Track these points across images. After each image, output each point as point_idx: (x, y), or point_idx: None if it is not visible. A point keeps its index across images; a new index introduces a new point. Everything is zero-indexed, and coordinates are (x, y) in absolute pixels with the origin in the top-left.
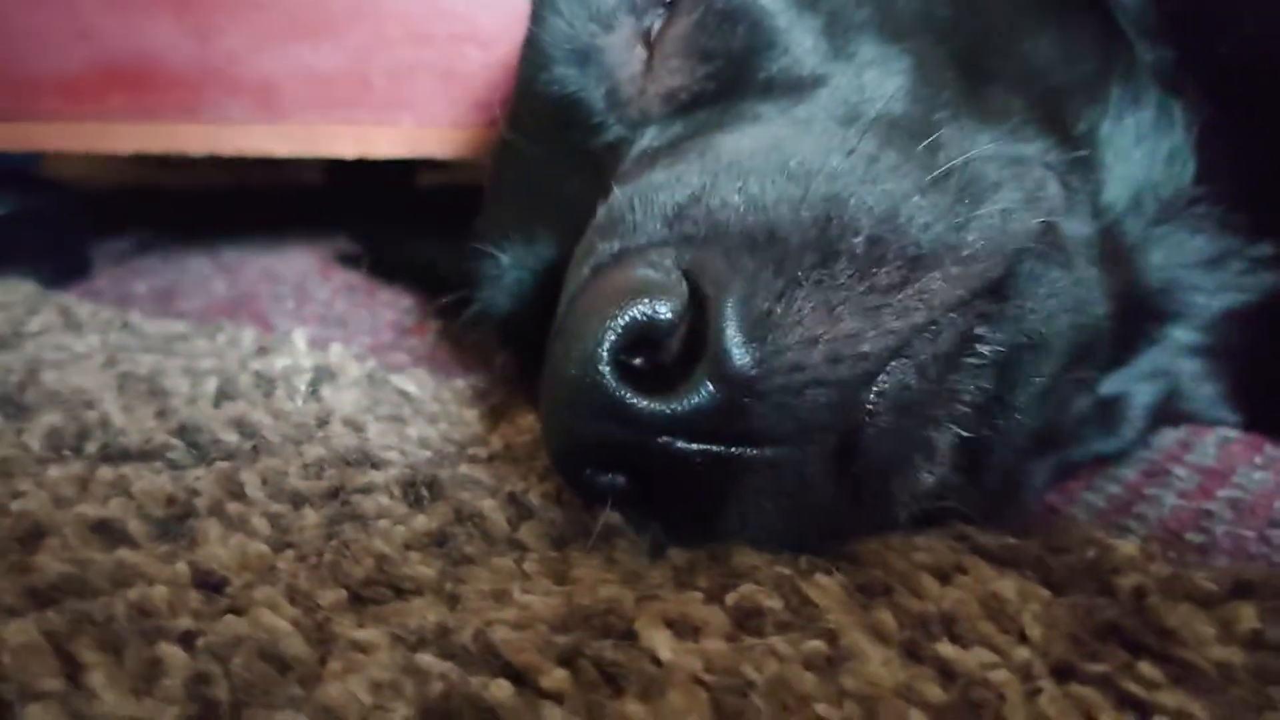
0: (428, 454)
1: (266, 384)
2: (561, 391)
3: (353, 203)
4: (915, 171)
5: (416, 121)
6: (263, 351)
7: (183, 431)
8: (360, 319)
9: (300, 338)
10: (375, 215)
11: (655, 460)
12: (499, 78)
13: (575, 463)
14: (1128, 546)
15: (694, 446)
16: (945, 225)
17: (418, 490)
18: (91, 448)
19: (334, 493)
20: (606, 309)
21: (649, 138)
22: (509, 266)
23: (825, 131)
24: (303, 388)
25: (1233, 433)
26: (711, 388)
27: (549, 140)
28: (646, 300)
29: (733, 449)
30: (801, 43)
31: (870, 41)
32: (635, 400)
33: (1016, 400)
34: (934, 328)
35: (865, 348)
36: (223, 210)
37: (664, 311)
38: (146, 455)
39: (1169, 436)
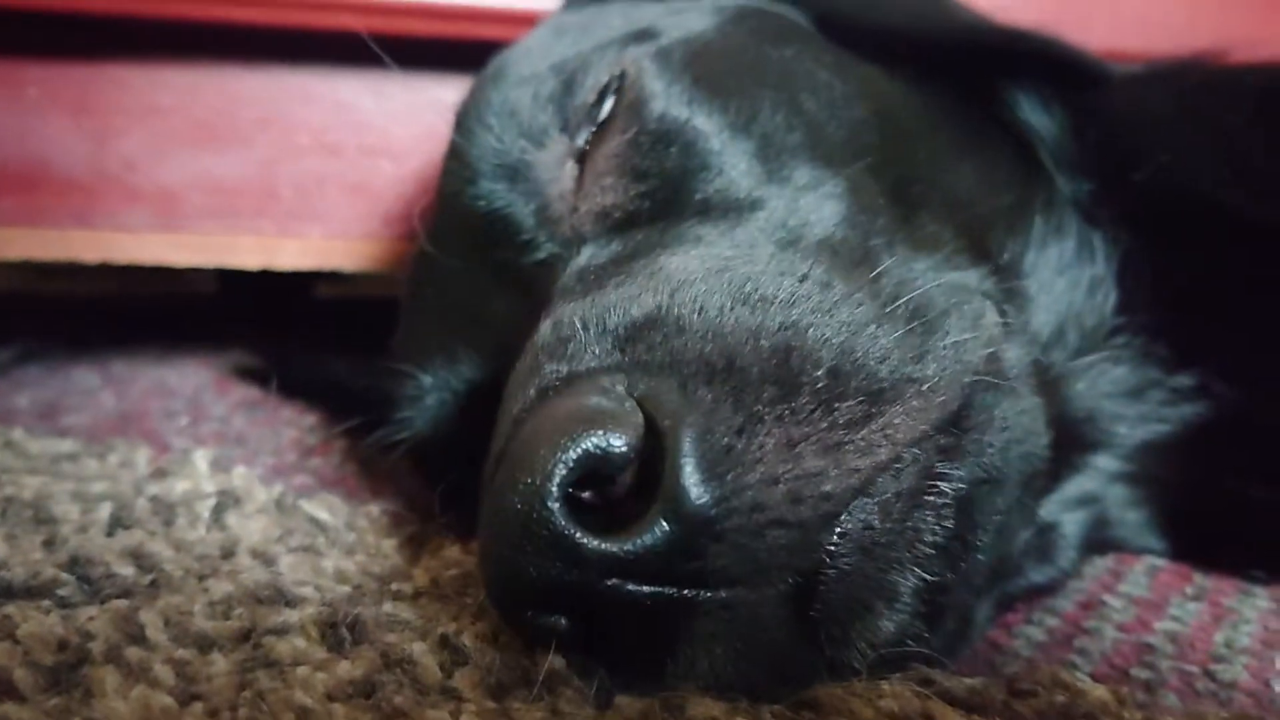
0: (346, 589)
1: (165, 510)
2: (505, 527)
3: (249, 314)
4: (867, 300)
5: (325, 233)
6: (160, 474)
7: (74, 564)
8: (261, 437)
9: (201, 459)
10: (272, 327)
11: (604, 602)
12: (412, 191)
13: (517, 603)
14: (1098, 690)
15: (646, 589)
16: (902, 357)
17: (339, 632)
18: None
19: (245, 635)
20: (556, 439)
21: (587, 256)
22: (430, 387)
23: (772, 256)
24: (205, 515)
25: (1160, 561)
26: (666, 527)
27: (474, 256)
28: (599, 432)
29: (686, 591)
30: (736, 165)
31: (803, 166)
32: (586, 540)
33: (977, 539)
34: (896, 465)
35: (828, 487)
36: (110, 319)
37: (617, 444)
38: (33, 592)
39: (1098, 565)
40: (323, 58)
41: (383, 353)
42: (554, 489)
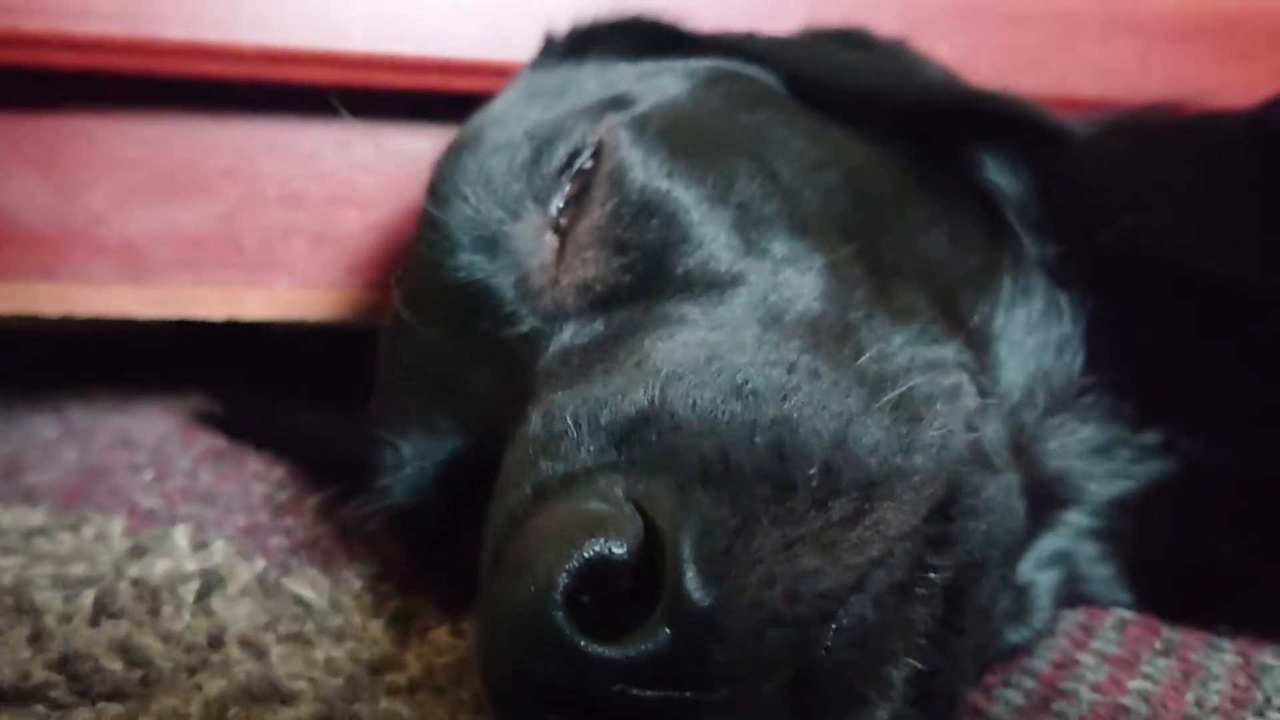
0: (339, 682)
1: (149, 595)
2: (508, 633)
3: (205, 351)
4: (854, 388)
5: (291, 284)
6: (138, 551)
7: (63, 663)
8: (230, 494)
9: (180, 535)
10: (230, 366)
11: (608, 706)
12: (378, 240)
13: (519, 707)
14: None
15: (650, 693)
16: (891, 448)
17: None
18: None
19: None
20: (559, 546)
21: (569, 334)
22: (409, 456)
23: (757, 339)
24: (189, 599)
25: (1129, 614)
26: (669, 632)
27: (454, 326)
28: (602, 539)
29: (689, 693)
30: (715, 237)
31: (781, 237)
32: (591, 649)
33: (966, 625)
34: (889, 559)
35: (824, 585)
36: (63, 357)
37: (619, 550)
38: (24, 695)
39: (1069, 620)
40: (289, 108)
41: (346, 397)
42: (558, 597)
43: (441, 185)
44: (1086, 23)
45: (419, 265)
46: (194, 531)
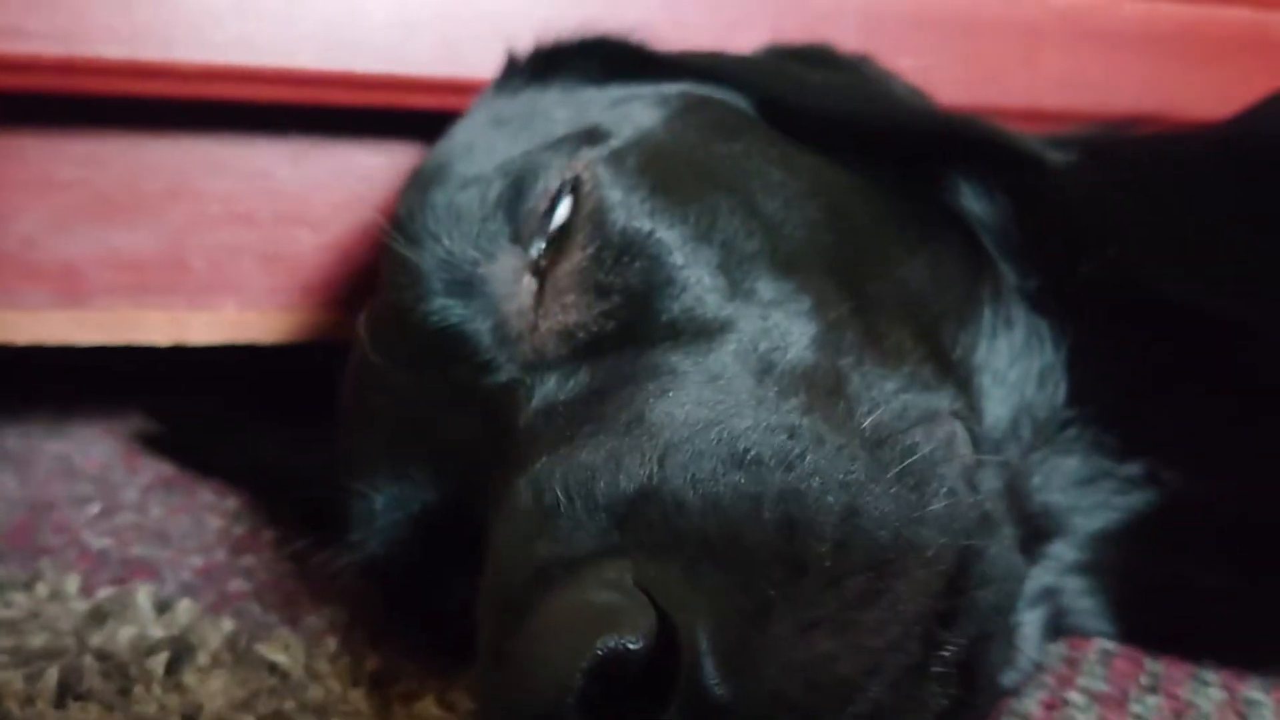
0: None
1: (116, 672)
2: None
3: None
4: (858, 452)
5: (239, 305)
6: (99, 616)
7: None
8: (183, 530)
9: (144, 597)
10: (170, 383)
11: None
12: (332, 260)
13: None
14: None
15: None
16: (901, 519)
17: None
18: None
19: None
20: (572, 643)
21: (552, 386)
22: (382, 507)
23: (754, 398)
24: (159, 672)
25: (1111, 645)
26: None
27: (427, 372)
28: (616, 635)
29: None
30: (701, 280)
31: (765, 277)
32: None
33: (978, 700)
34: (905, 641)
35: (841, 671)
36: None
37: (634, 645)
38: None
39: (1052, 653)
40: (235, 126)
41: (296, 417)
42: (572, 701)
43: (410, 223)
44: (1050, 34)
45: (388, 306)
46: (156, 589)
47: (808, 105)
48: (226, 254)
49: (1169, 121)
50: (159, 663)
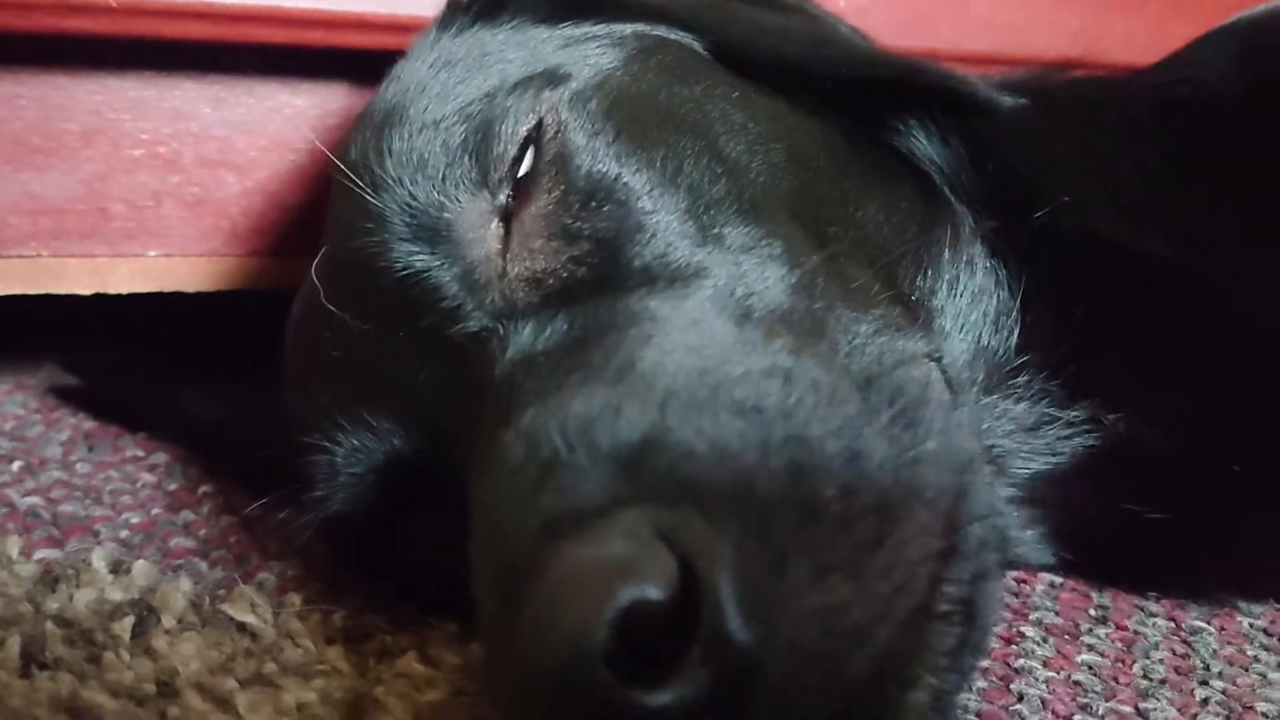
0: None
1: (81, 638)
2: (542, 691)
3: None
4: (850, 395)
5: (164, 252)
6: (50, 579)
7: None
8: (114, 486)
9: (99, 560)
10: (83, 330)
11: None
12: (260, 205)
13: None
14: None
15: None
16: (898, 461)
17: None
18: None
19: None
20: (595, 596)
21: (528, 335)
22: (344, 463)
23: (740, 343)
24: (126, 637)
25: (1056, 578)
26: (712, 674)
27: (389, 321)
28: (639, 585)
29: None
30: (670, 225)
31: (734, 222)
32: (634, 699)
33: (980, 638)
34: (913, 583)
35: (855, 617)
36: None
37: (657, 595)
38: None
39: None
40: (156, 65)
41: (215, 367)
42: (598, 651)
43: (367, 168)
44: None
45: (344, 253)
46: (111, 552)
47: (762, 49)
48: (149, 199)
49: (1092, 67)
50: (124, 627)
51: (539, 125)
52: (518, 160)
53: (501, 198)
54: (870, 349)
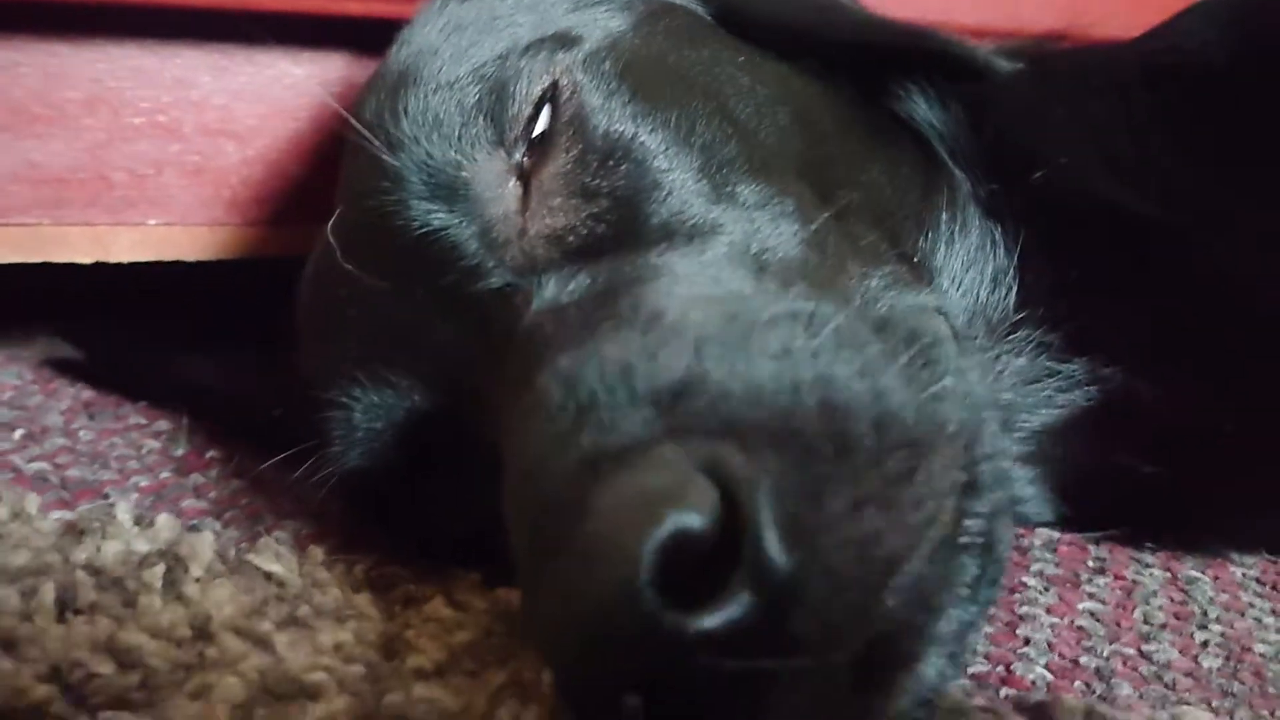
0: (359, 670)
1: (113, 585)
2: (591, 618)
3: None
4: (872, 339)
5: (164, 221)
6: (76, 533)
7: (54, 674)
8: (122, 454)
9: (123, 511)
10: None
11: (691, 681)
12: (260, 174)
13: (599, 691)
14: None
15: (734, 663)
16: (922, 400)
17: None
18: None
19: None
20: (641, 523)
21: (552, 289)
22: (362, 418)
23: (763, 293)
24: (157, 584)
25: (1054, 532)
26: (753, 600)
27: (408, 279)
28: (682, 513)
29: (768, 661)
30: (685, 183)
31: (745, 180)
32: (680, 624)
33: (995, 572)
34: (940, 514)
35: (889, 545)
36: None
37: (700, 523)
38: (20, 716)
39: None
40: (156, 32)
41: (208, 336)
42: (646, 577)
43: (383, 128)
44: None
45: (360, 213)
46: (136, 509)
47: (766, 14)
48: (150, 167)
49: (1077, 40)
50: (155, 575)
51: (554, 86)
52: (533, 120)
53: (518, 157)
54: (883, 300)
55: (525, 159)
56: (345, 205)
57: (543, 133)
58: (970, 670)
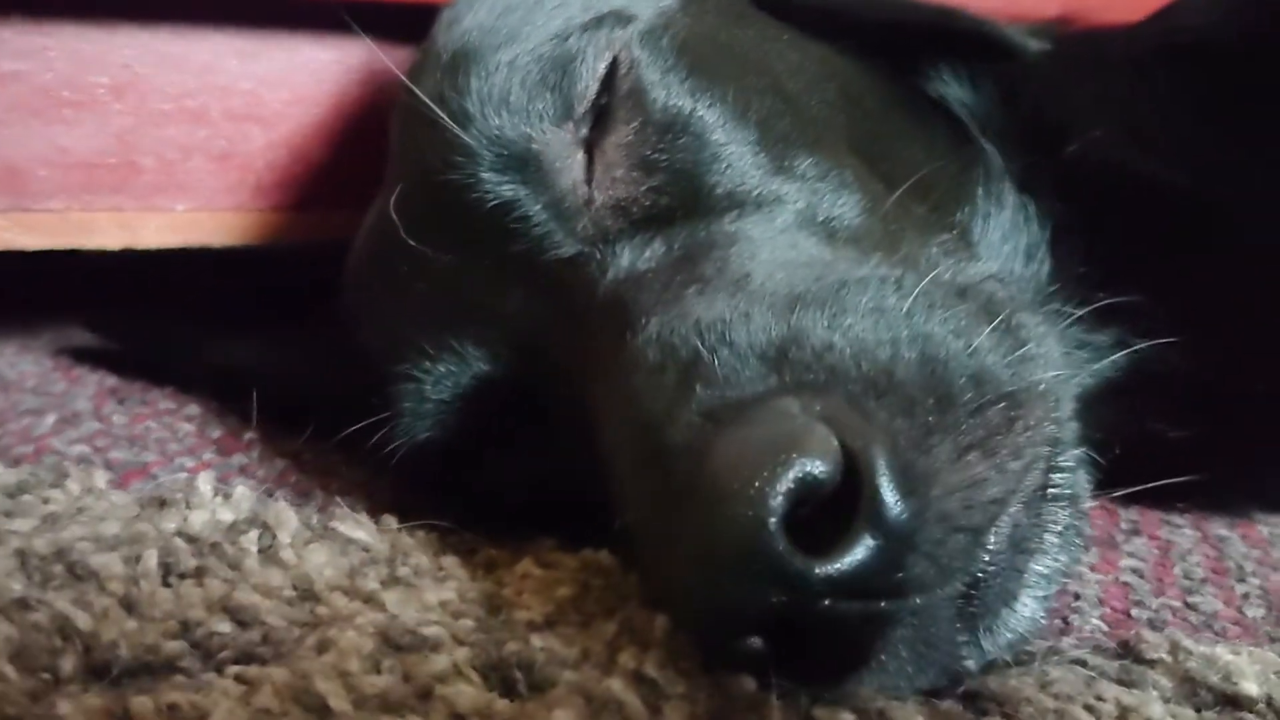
0: (470, 624)
1: (213, 550)
2: (722, 559)
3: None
4: (954, 300)
5: (191, 207)
6: (159, 504)
7: (184, 630)
8: (160, 437)
9: (205, 482)
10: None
11: (814, 621)
12: (284, 159)
13: (725, 631)
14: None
15: (855, 605)
16: (1008, 356)
17: (509, 673)
18: (69, 665)
19: (425, 694)
20: (770, 467)
21: (628, 257)
22: (432, 389)
23: (840, 257)
24: (254, 549)
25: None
26: (873, 544)
27: (474, 251)
28: (806, 459)
29: (885, 603)
30: (744, 155)
31: (802, 154)
32: (808, 567)
33: (1080, 523)
34: (1035, 462)
35: (993, 491)
36: None
37: (824, 468)
38: (154, 671)
39: None
40: (183, 17)
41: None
42: (776, 520)
43: (446, 105)
44: None
45: (426, 188)
46: (212, 478)
47: None
48: (177, 152)
49: (1080, 24)
50: (251, 540)
51: (614, 62)
52: (600, 95)
53: (585, 130)
54: (948, 268)
55: (592, 133)
56: (408, 181)
57: (606, 107)
58: None
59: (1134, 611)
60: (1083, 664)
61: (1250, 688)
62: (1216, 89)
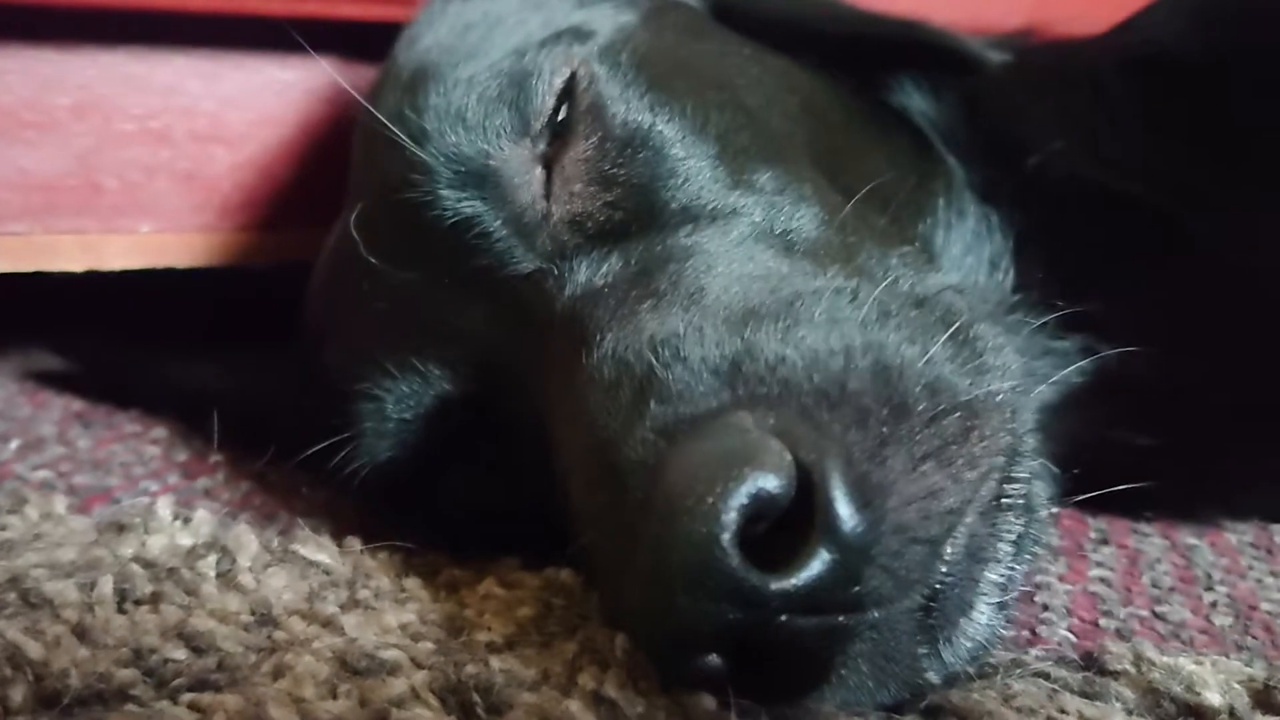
0: (429, 647)
1: (170, 575)
2: (676, 578)
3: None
4: (911, 310)
5: (155, 228)
6: (117, 529)
7: (136, 658)
8: (124, 461)
9: (164, 506)
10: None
11: (771, 638)
12: (251, 180)
13: (682, 651)
14: (1179, 660)
15: (813, 620)
16: (964, 366)
17: (465, 696)
18: (18, 695)
19: (381, 719)
20: (723, 484)
21: (585, 272)
22: (393, 408)
23: (796, 270)
24: (212, 574)
25: (1052, 507)
26: (828, 558)
27: (434, 268)
28: (760, 474)
29: (843, 618)
30: (702, 169)
31: (761, 167)
32: (764, 583)
33: (1035, 531)
34: (991, 472)
35: (949, 501)
36: None
37: (778, 483)
38: (106, 700)
39: None
40: (146, 39)
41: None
42: (729, 536)
43: (405, 123)
44: None
45: (385, 206)
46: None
47: (764, 9)
48: (141, 174)
49: (1043, 36)
50: (209, 565)
51: (572, 77)
52: (556, 110)
53: (542, 146)
54: (907, 278)
55: (549, 149)
56: (368, 199)
57: (561, 121)
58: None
59: (1102, 621)
60: (1045, 676)
61: (1213, 698)
62: (1175, 102)
